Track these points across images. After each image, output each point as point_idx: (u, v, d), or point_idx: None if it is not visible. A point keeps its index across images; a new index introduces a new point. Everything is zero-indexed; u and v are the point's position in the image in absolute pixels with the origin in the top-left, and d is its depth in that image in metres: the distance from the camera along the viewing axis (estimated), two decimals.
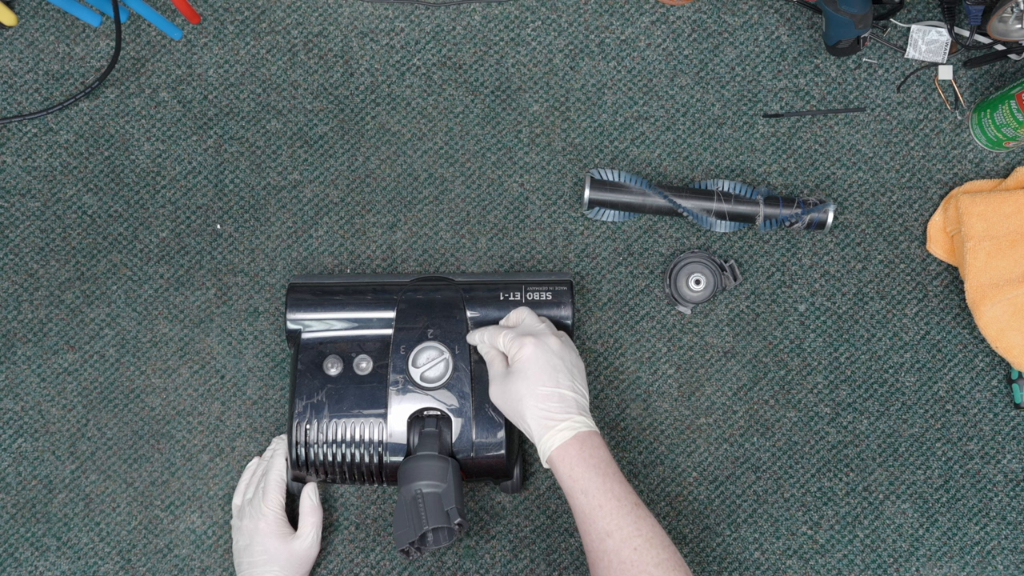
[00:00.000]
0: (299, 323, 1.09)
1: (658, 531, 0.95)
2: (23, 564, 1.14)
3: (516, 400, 1.00)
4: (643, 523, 0.95)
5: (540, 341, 1.01)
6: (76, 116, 1.19)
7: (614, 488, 0.96)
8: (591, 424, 0.99)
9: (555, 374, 1.00)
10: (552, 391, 0.99)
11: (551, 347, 1.01)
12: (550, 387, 0.99)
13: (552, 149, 1.18)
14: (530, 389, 0.99)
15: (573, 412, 0.99)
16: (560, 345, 1.02)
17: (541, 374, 0.99)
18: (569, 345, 1.04)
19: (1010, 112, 1.10)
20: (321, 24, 1.19)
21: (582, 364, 1.04)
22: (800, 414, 1.16)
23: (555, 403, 0.99)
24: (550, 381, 0.99)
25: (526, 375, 1.00)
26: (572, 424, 0.98)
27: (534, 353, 1.00)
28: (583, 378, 1.03)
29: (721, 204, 1.13)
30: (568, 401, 0.99)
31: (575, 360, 1.03)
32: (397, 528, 1.01)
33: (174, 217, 1.18)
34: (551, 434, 0.98)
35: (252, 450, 1.16)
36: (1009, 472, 1.15)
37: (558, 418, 0.98)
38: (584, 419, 0.99)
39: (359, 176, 1.18)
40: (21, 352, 1.16)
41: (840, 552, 1.15)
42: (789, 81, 1.18)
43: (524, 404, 0.99)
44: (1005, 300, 1.11)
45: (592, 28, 1.19)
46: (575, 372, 1.02)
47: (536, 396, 0.99)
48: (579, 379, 1.02)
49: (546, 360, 1.00)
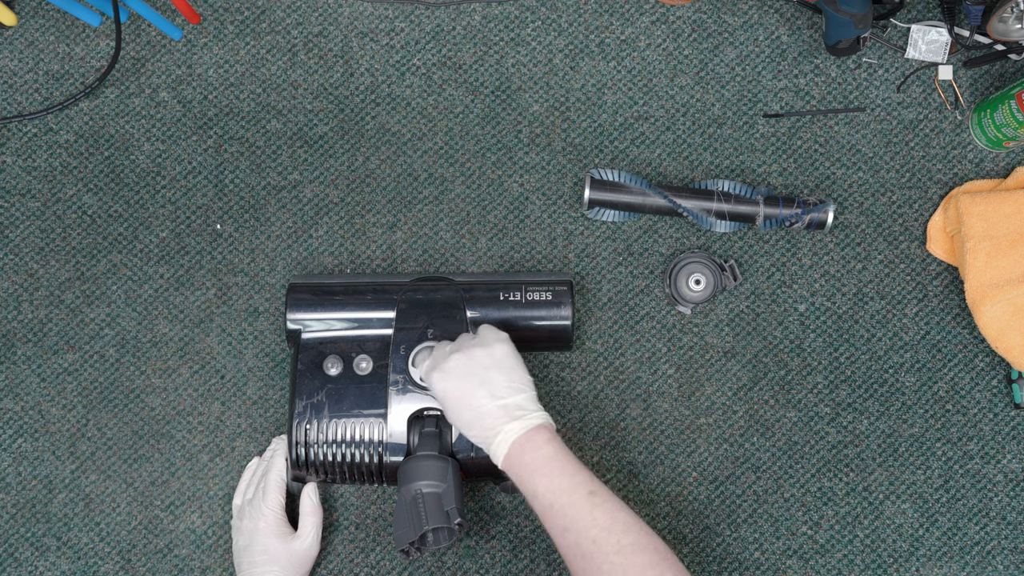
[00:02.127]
0: (299, 323, 1.09)
1: (617, 516, 0.92)
2: (23, 564, 1.14)
3: (461, 430, 0.99)
4: (598, 511, 0.92)
5: (443, 371, 0.99)
6: (76, 116, 1.19)
7: (561, 484, 0.93)
8: (529, 420, 0.96)
9: (471, 397, 0.97)
10: (473, 416, 0.97)
11: (455, 371, 0.98)
12: (471, 411, 0.97)
13: (552, 149, 1.18)
14: (459, 418, 0.98)
15: (502, 422, 0.96)
16: (463, 361, 0.98)
17: (460, 403, 0.98)
18: (479, 347, 1.00)
19: (1010, 112, 1.10)
20: (321, 24, 1.19)
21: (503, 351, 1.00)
22: (800, 414, 1.16)
23: (485, 420, 0.97)
24: (470, 408, 0.97)
25: (450, 407, 0.98)
26: (504, 437, 0.95)
27: (444, 387, 0.98)
28: (510, 369, 0.99)
29: (721, 204, 1.13)
30: (496, 415, 0.96)
31: (488, 361, 0.99)
32: (397, 528, 1.01)
33: (174, 217, 1.18)
34: (492, 451, 0.97)
35: (252, 450, 1.16)
36: (1009, 472, 1.15)
37: (490, 436, 0.96)
38: (517, 423, 0.96)
39: (359, 176, 1.18)
40: (21, 352, 1.16)
41: (840, 552, 1.15)
42: (789, 81, 1.18)
43: (466, 432, 0.98)
44: (1005, 300, 1.11)
45: (592, 28, 1.19)
46: (495, 376, 0.98)
47: (465, 423, 0.98)
48: (503, 377, 0.98)
49: (456, 387, 0.98)
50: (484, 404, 0.97)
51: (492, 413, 0.97)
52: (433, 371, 1.00)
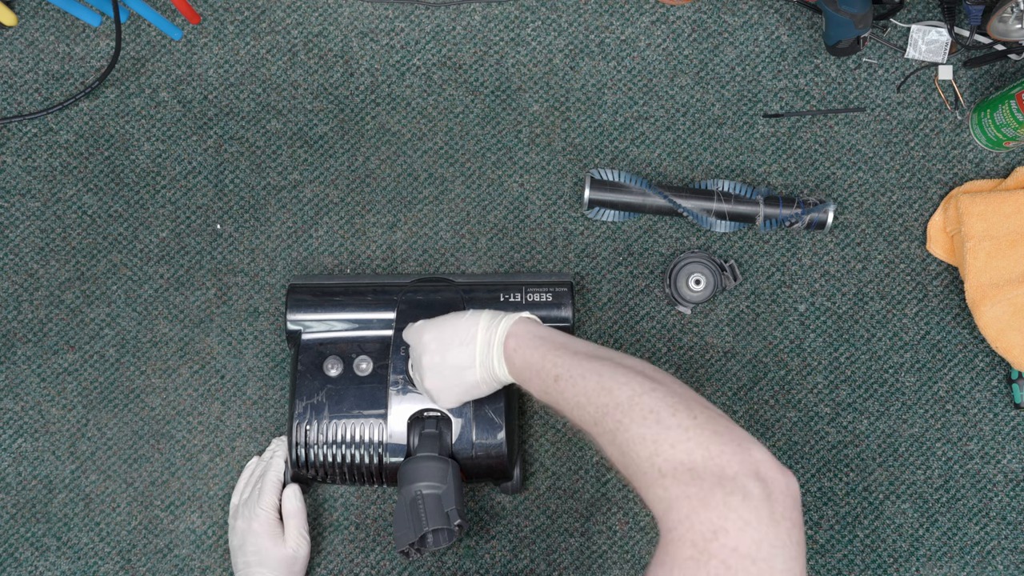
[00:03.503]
0: (299, 324, 1.09)
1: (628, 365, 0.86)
2: (23, 564, 1.15)
3: (444, 391, 0.99)
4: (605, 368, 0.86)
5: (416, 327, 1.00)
6: (76, 116, 1.19)
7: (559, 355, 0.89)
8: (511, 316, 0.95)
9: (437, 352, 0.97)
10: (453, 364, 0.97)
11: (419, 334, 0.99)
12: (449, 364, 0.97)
13: (552, 149, 1.18)
14: (442, 378, 0.98)
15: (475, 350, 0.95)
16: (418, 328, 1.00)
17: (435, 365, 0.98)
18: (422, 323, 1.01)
19: (1010, 112, 1.10)
20: (321, 24, 1.19)
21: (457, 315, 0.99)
22: (800, 414, 1.16)
23: (459, 367, 0.96)
24: (442, 361, 0.97)
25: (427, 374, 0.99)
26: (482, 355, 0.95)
27: (417, 355, 1.00)
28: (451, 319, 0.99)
29: (721, 204, 1.13)
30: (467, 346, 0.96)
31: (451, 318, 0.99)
32: (397, 529, 1.01)
33: (174, 217, 1.18)
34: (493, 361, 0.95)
35: (252, 450, 1.16)
36: (1009, 472, 1.15)
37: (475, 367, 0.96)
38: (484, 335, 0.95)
39: (359, 176, 1.18)
40: (21, 352, 1.16)
41: (840, 552, 1.15)
42: (789, 81, 1.18)
43: (452, 392, 0.99)
44: (1005, 300, 1.11)
45: (592, 28, 1.19)
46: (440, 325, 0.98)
47: (449, 381, 0.98)
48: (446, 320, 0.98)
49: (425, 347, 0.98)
50: (454, 353, 0.96)
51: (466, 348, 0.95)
52: (413, 325, 1.01)
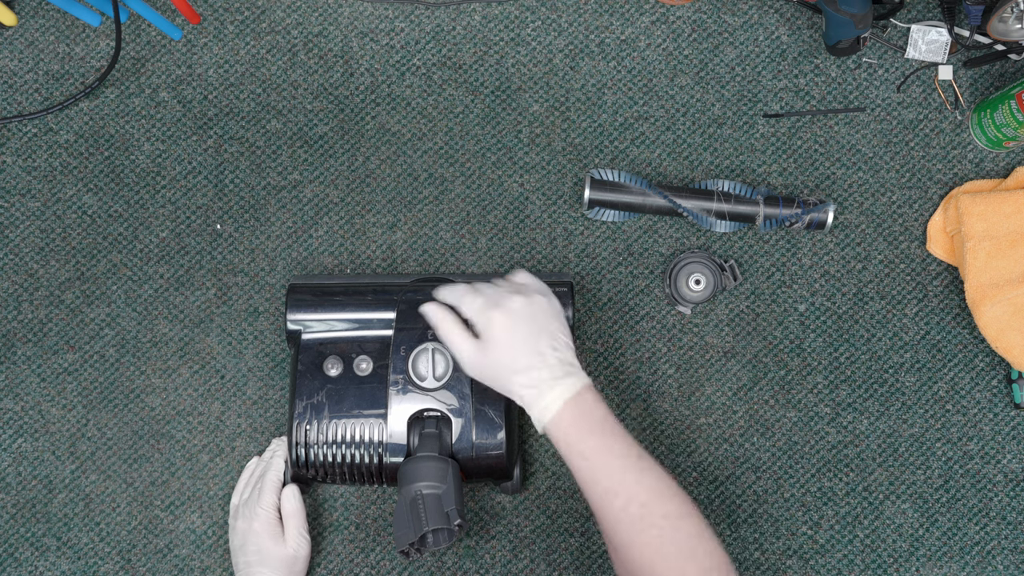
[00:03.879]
0: (299, 324, 1.09)
1: (664, 481, 0.91)
2: (23, 564, 1.15)
3: (500, 376, 0.95)
4: (646, 476, 0.91)
5: (508, 310, 0.95)
6: (76, 116, 1.19)
7: (613, 446, 0.92)
8: (580, 379, 0.94)
9: (533, 340, 0.94)
10: (535, 360, 0.94)
11: (520, 313, 0.95)
12: (531, 356, 0.94)
13: (552, 149, 1.18)
14: (513, 363, 0.94)
15: (559, 376, 0.94)
16: (528, 305, 0.96)
17: (520, 346, 0.94)
18: (538, 294, 0.98)
19: (1010, 112, 1.10)
20: (321, 24, 1.19)
21: (557, 308, 0.98)
22: (800, 414, 1.16)
23: (541, 371, 0.94)
24: (530, 352, 0.94)
25: (505, 348, 0.94)
26: (561, 391, 0.93)
27: (506, 324, 0.95)
28: (563, 326, 0.97)
29: (721, 204, 1.13)
30: (554, 366, 0.94)
31: (549, 310, 0.97)
32: (397, 529, 1.01)
33: (174, 217, 1.18)
34: (542, 406, 0.93)
35: (252, 450, 1.16)
36: (1009, 472, 1.15)
37: (546, 387, 0.93)
38: (572, 379, 0.94)
39: (359, 176, 1.18)
40: (21, 352, 1.16)
41: (840, 552, 1.15)
42: (789, 81, 1.18)
43: (510, 380, 0.94)
44: (1005, 300, 1.11)
45: (592, 28, 1.19)
46: (554, 327, 0.96)
47: (520, 369, 0.94)
48: (560, 331, 0.96)
49: (520, 329, 0.95)
50: (545, 352, 0.94)
51: (550, 364, 0.94)
52: (494, 308, 0.95)
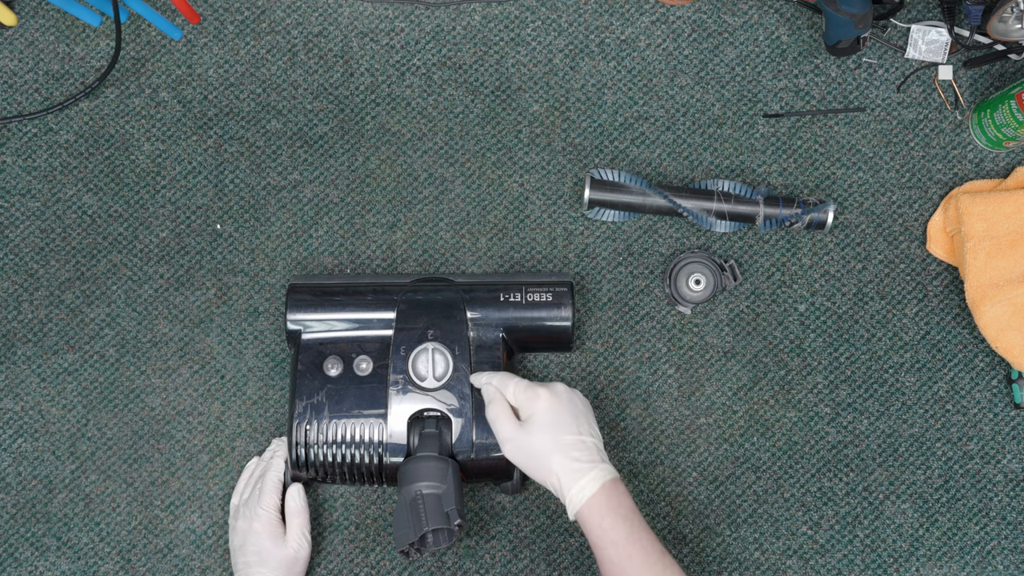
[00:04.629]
0: (299, 323, 1.09)
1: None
2: (23, 564, 1.15)
3: (541, 454, 0.99)
4: (669, 572, 0.96)
5: (553, 391, 1.01)
6: (76, 116, 1.19)
7: (642, 538, 0.96)
8: (613, 469, 0.99)
9: (575, 421, 1.00)
10: (575, 439, 0.99)
11: (563, 395, 1.01)
12: (573, 435, 0.99)
13: (552, 149, 1.18)
14: (555, 440, 0.99)
15: (597, 460, 0.99)
16: (568, 391, 1.02)
17: (563, 423, 0.99)
18: (576, 392, 1.04)
19: (1010, 112, 1.10)
20: (321, 24, 1.19)
21: (589, 404, 1.04)
22: (800, 414, 1.16)
23: (581, 451, 0.98)
24: (572, 429, 0.99)
25: (548, 426, 0.99)
26: (598, 474, 0.97)
27: (551, 403, 1.00)
28: (594, 420, 1.03)
29: (721, 204, 1.13)
30: (591, 448, 0.99)
31: (585, 402, 1.04)
32: (397, 529, 1.01)
33: (174, 217, 1.18)
34: (580, 486, 0.97)
35: (252, 450, 1.16)
36: (1009, 472, 1.15)
37: (585, 468, 0.98)
38: (606, 467, 0.99)
39: (359, 176, 1.18)
40: (21, 352, 1.16)
41: (840, 552, 1.15)
42: (789, 81, 1.18)
43: (551, 457, 0.98)
44: (1005, 300, 1.11)
45: (592, 28, 1.19)
46: (590, 416, 1.02)
47: (562, 447, 0.98)
48: (594, 423, 1.02)
49: (563, 408, 1.00)
50: (584, 434, 0.99)
51: (589, 446, 0.99)
52: (540, 388, 1.01)
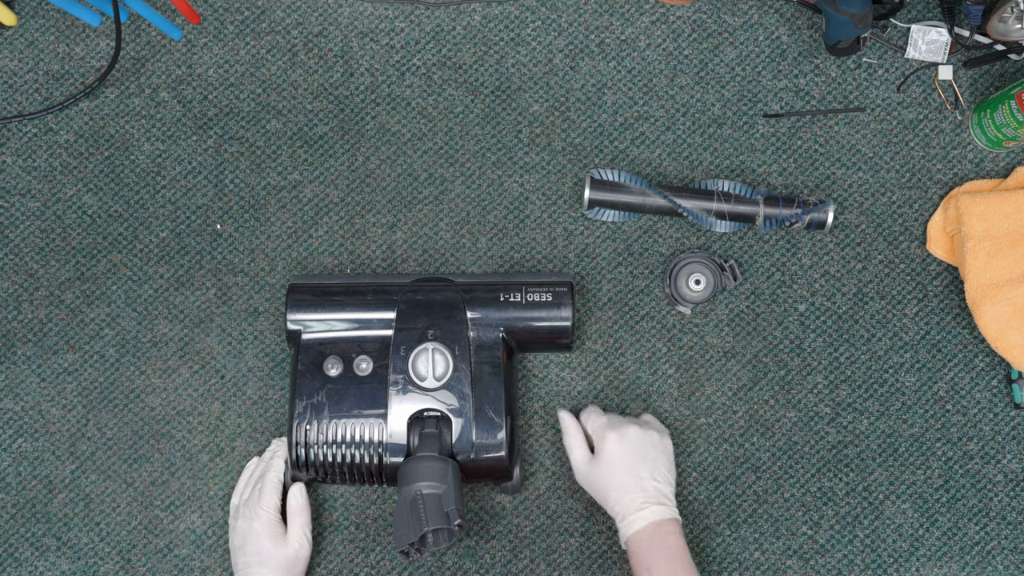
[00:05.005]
0: (299, 323, 1.09)
1: None
2: (23, 564, 1.15)
3: (601, 488, 1.07)
4: None
5: (622, 434, 1.07)
6: (76, 116, 1.19)
7: (678, 573, 1.02)
8: (671, 512, 1.05)
9: (636, 467, 1.06)
10: (633, 482, 1.05)
11: (631, 439, 1.07)
12: (631, 479, 1.05)
13: (552, 149, 1.18)
14: (613, 479, 1.06)
15: (652, 502, 1.04)
16: (640, 435, 1.08)
17: (623, 466, 1.06)
18: (655, 431, 1.09)
19: (1010, 112, 1.10)
20: (321, 24, 1.19)
21: (668, 446, 1.10)
22: (800, 414, 1.16)
23: (635, 494, 1.05)
24: (630, 474, 1.06)
25: (610, 466, 1.06)
26: (648, 514, 1.04)
27: (616, 447, 1.06)
28: (668, 462, 1.09)
29: (721, 204, 1.13)
30: (648, 491, 1.05)
31: (659, 446, 1.08)
32: (397, 529, 1.01)
33: (174, 217, 1.18)
34: (628, 520, 1.04)
35: (252, 450, 1.16)
36: (1009, 472, 1.15)
37: (636, 507, 1.04)
38: (662, 508, 1.04)
39: (359, 176, 1.18)
40: (21, 352, 1.16)
41: (840, 552, 1.15)
42: (789, 81, 1.18)
43: (607, 493, 1.06)
44: (1005, 300, 1.11)
45: (592, 28, 1.19)
46: (659, 460, 1.07)
47: (618, 487, 1.06)
48: (663, 466, 1.08)
49: (627, 452, 1.06)
50: (644, 478, 1.06)
51: (646, 489, 1.05)
52: (612, 429, 1.08)
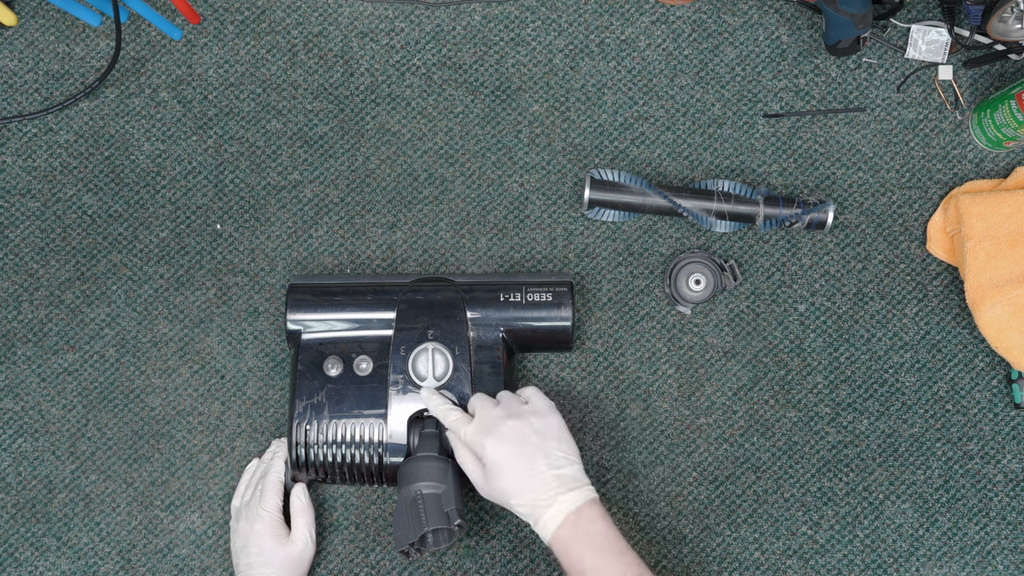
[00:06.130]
0: (299, 323, 1.09)
1: None
2: (23, 564, 1.15)
3: (502, 498, 0.98)
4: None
5: (499, 436, 0.98)
6: (76, 116, 1.19)
7: (611, 565, 0.94)
8: (584, 494, 0.97)
9: (528, 463, 0.97)
10: (530, 480, 0.97)
11: (512, 436, 0.98)
12: (527, 478, 0.97)
13: (552, 149, 1.18)
14: (509, 486, 0.97)
15: (559, 491, 0.96)
16: (520, 427, 0.98)
17: (514, 469, 0.97)
18: (534, 414, 1.00)
19: (1010, 112, 1.10)
20: (321, 24, 1.19)
21: (556, 422, 1.00)
22: (800, 414, 1.16)
23: (537, 491, 0.96)
24: (525, 473, 0.97)
25: (500, 474, 0.97)
26: (560, 507, 0.96)
27: (498, 452, 0.98)
28: (564, 441, 0.99)
29: (721, 204, 1.13)
30: (550, 483, 0.97)
31: (546, 429, 0.99)
32: (397, 529, 1.01)
33: (174, 217, 1.18)
34: (543, 522, 0.96)
35: (252, 450, 1.16)
36: (1009, 472, 1.15)
37: (545, 504, 0.96)
38: (573, 494, 0.96)
39: (359, 176, 1.18)
40: (21, 352, 1.16)
41: (840, 552, 1.15)
42: (789, 81, 1.18)
43: (510, 501, 0.97)
44: (1005, 300, 1.11)
45: (592, 28, 1.19)
46: (551, 444, 0.98)
47: (517, 492, 0.97)
48: (558, 448, 0.98)
49: (513, 453, 0.98)
50: (541, 472, 0.97)
51: (548, 482, 0.97)
52: (486, 436, 0.98)
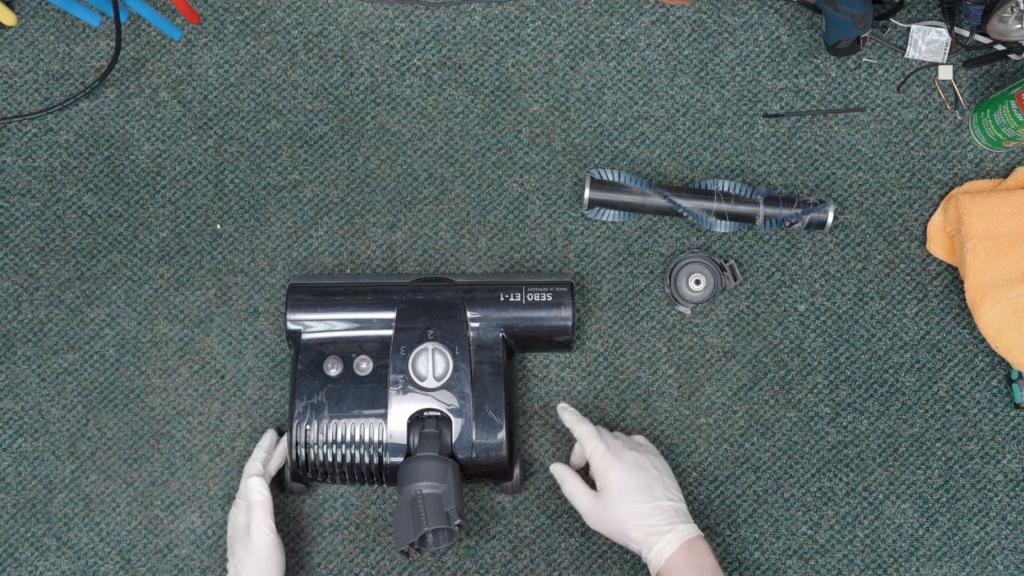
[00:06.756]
0: (299, 323, 1.09)
1: None
2: (23, 564, 1.14)
3: (618, 523, 1.03)
4: None
5: (624, 461, 1.04)
6: (76, 116, 1.19)
7: None
8: (694, 529, 1.02)
9: (648, 490, 1.03)
10: (650, 507, 1.02)
11: (634, 463, 1.04)
12: (647, 505, 1.02)
13: (552, 149, 1.18)
14: (629, 510, 1.02)
15: (676, 522, 1.02)
16: (641, 457, 1.05)
17: (636, 494, 1.03)
18: (649, 450, 1.08)
19: (1010, 112, 1.10)
20: (321, 24, 1.19)
21: (667, 466, 1.07)
22: (800, 414, 1.16)
23: (656, 518, 1.02)
24: (645, 500, 1.02)
25: (621, 497, 1.03)
26: (677, 535, 1.01)
27: (623, 476, 1.03)
28: (673, 481, 1.06)
29: (721, 204, 1.13)
30: (668, 512, 1.02)
31: (661, 464, 1.06)
32: (397, 529, 1.01)
33: (174, 217, 1.18)
34: (659, 548, 1.01)
35: (252, 450, 1.15)
36: (1009, 472, 1.15)
37: (663, 530, 1.01)
38: (688, 526, 1.02)
39: (359, 176, 1.18)
40: (21, 352, 1.16)
41: (840, 552, 1.15)
42: (789, 81, 1.18)
43: (627, 525, 1.02)
44: (1005, 300, 1.11)
45: (592, 28, 1.19)
46: (665, 479, 1.05)
47: (636, 516, 1.02)
48: (671, 485, 1.05)
49: (636, 478, 1.03)
50: (661, 501, 1.03)
51: (666, 511, 1.02)
52: (612, 458, 1.04)
